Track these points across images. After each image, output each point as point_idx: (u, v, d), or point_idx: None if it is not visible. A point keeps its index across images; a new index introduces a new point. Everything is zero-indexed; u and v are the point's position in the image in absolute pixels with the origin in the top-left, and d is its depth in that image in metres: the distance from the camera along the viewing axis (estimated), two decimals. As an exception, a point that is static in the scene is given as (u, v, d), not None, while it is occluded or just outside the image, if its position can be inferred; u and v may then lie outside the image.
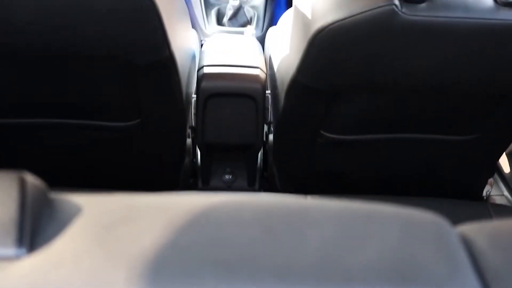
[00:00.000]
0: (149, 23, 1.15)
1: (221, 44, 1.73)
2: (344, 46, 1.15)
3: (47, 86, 1.33)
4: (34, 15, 1.13)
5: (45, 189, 0.50)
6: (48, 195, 0.50)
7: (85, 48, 1.20)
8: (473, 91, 1.28)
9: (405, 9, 1.07)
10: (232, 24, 2.43)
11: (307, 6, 1.17)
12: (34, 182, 0.49)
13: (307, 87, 1.28)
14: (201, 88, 1.54)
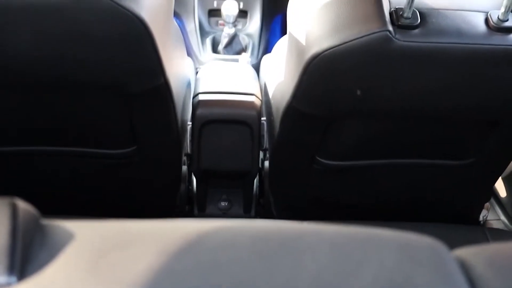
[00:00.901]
0: (144, 50, 1.16)
1: (216, 71, 1.73)
2: (339, 72, 1.15)
3: (41, 114, 1.32)
4: (29, 43, 1.13)
5: (37, 216, 0.49)
6: (40, 221, 0.49)
7: (79, 76, 1.20)
8: (468, 116, 1.28)
9: (399, 35, 1.07)
10: (227, 51, 2.44)
11: (301, 33, 1.17)
12: (26, 208, 0.48)
13: (302, 114, 1.28)
14: (197, 115, 1.54)
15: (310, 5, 1.17)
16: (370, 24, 1.07)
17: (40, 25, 1.10)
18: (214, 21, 2.59)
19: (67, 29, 1.11)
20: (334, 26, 1.10)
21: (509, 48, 1.10)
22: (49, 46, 1.14)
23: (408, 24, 1.08)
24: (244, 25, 2.59)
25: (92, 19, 1.09)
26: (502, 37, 1.10)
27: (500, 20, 1.10)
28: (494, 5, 1.14)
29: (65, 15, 1.08)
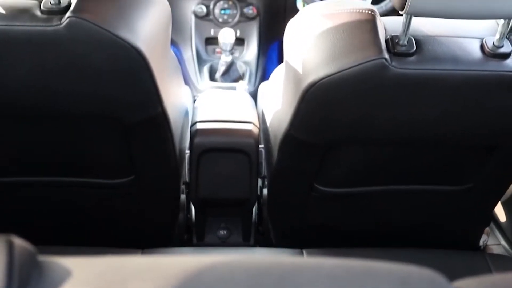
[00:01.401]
0: (142, 81, 1.16)
1: (214, 99, 1.74)
2: (336, 100, 1.15)
3: (38, 144, 1.32)
4: (27, 74, 1.14)
5: (33, 252, 0.49)
6: (37, 258, 0.49)
7: (77, 107, 1.21)
8: (466, 141, 1.28)
9: (395, 63, 1.07)
10: (224, 79, 2.45)
11: (298, 61, 1.18)
12: (22, 245, 0.48)
13: (300, 141, 1.28)
14: (195, 144, 1.54)
15: (306, 33, 1.18)
16: (366, 52, 1.08)
17: (38, 56, 1.11)
18: (211, 49, 2.61)
19: (65, 60, 1.11)
20: (331, 54, 1.11)
21: (504, 74, 1.11)
22: (46, 77, 1.14)
23: (404, 52, 1.08)
24: (241, 53, 2.60)
25: (90, 50, 1.10)
26: (498, 63, 1.10)
27: (495, 46, 1.10)
28: (489, 31, 1.15)
29: (62, 46, 1.09)
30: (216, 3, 2.55)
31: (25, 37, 1.08)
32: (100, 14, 1.08)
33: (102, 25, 1.07)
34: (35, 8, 1.09)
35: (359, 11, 1.13)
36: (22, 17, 1.08)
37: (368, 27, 1.11)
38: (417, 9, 0.99)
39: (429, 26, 1.15)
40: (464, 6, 0.97)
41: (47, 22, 1.07)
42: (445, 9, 0.98)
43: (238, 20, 2.57)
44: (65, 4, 1.09)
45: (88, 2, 1.09)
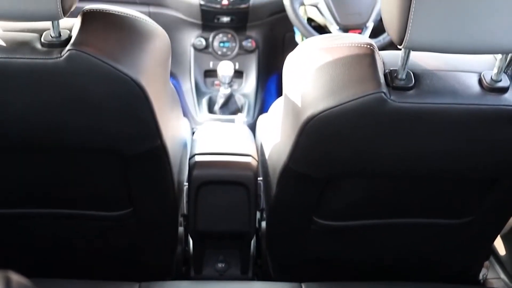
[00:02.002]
0: (141, 113, 1.16)
1: (213, 132, 1.74)
2: (335, 133, 1.15)
3: (36, 176, 1.32)
4: (26, 106, 1.14)
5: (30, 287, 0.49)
6: None
7: (76, 139, 1.21)
8: (464, 175, 1.28)
9: (394, 96, 1.08)
10: (223, 112, 2.46)
11: (297, 95, 1.18)
12: (20, 281, 0.48)
13: (299, 174, 1.28)
14: (193, 176, 1.53)
15: (305, 67, 1.19)
16: (365, 85, 1.08)
17: (37, 88, 1.11)
18: (210, 82, 2.62)
19: (64, 92, 1.11)
20: (330, 88, 1.11)
21: (503, 108, 1.11)
22: (45, 109, 1.14)
23: (402, 86, 1.09)
24: (240, 85, 2.62)
25: (89, 83, 1.10)
26: (496, 97, 1.11)
27: (494, 81, 1.11)
28: (487, 65, 1.16)
29: (62, 78, 1.09)
30: (215, 36, 2.57)
31: (26, 70, 1.08)
32: (100, 47, 1.09)
33: (102, 58, 1.07)
34: (35, 41, 1.10)
35: (357, 45, 1.14)
36: (23, 50, 1.08)
37: (367, 61, 1.11)
38: (415, 44, 0.99)
39: (427, 60, 1.15)
40: (462, 41, 0.98)
41: (47, 55, 1.08)
42: (443, 44, 0.99)
43: (237, 53, 2.59)
44: (66, 37, 1.10)
45: (89, 35, 1.10)
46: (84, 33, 1.10)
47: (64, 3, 1.01)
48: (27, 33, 1.12)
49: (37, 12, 1.01)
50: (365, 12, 2.17)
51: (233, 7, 2.43)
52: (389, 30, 1.03)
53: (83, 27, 1.11)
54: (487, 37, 0.98)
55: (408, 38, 0.98)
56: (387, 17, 1.02)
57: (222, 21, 2.49)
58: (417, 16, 0.95)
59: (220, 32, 2.57)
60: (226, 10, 2.44)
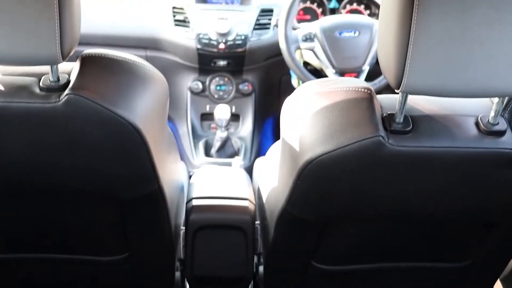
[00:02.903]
0: (139, 157, 1.16)
1: (209, 175, 1.74)
2: (333, 177, 1.15)
3: (32, 220, 1.31)
4: (23, 149, 1.14)
5: None
6: None
7: (73, 182, 1.20)
8: (464, 218, 1.28)
9: (392, 140, 1.08)
10: (220, 155, 2.46)
11: (295, 139, 1.18)
12: None
13: (297, 218, 1.27)
14: (190, 220, 1.53)
15: (303, 111, 1.19)
16: (363, 129, 1.08)
17: (35, 132, 1.11)
18: (206, 125, 2.63)
19: (62, 136, 1.11)
20: (328, 132, 1.11)
21: (501, 151, 1.11)
22: (43, 153, 1.14)
23: (400, 129, 1.09)
24: (236, 129, 2.62)
25: (87, 127, 1.10)
26: (493, 140, 1.11)
27: (491, 124, 1.11)
28: (484, 108, 1.16)
29: (60, 122, 1.09)
30: (212, 79, 2.58)
31: (24, 114, 1.08)
32: (99, 91, 1.09)
33: (100, 102, 1.08)
34: (34, 85, 1.10)
35: (355, 89, 1.15)
36: (21, 94, 1.08)
37: (364, 105, 1.12)
38: (412, 88, 1.00)
39: (424, 104, 1.16)
40: (459, 85, 0.99)
41: (46, 99, 1.08)
42: (440, 88, 1.00)
43: (233, 96, 2.60)
44: (64, 81, 1.10)
45: (87, 80, 1.11)
46: (82, 78, 1.10)
47: (63, 48, 1.01)
48: (25, 77, 1.12)
49: (36, 57, 1.02)
50: (361, 55, 2.19)
51: (230, 51, 2.45)
52: (386, 75, 1.04)
53: (82, 71, 1.11)
54: (483, 81, 0.98)
55: (406, 83, 0.98)
56: (384, 61, 1.03)
57: (218, 64, 2.51)
58: (414, 61, 0.96)
59: (217, 76, 2.58)
60: (223, 54, 2.46)
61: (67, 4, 0.99)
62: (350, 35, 2.18)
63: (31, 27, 0.98)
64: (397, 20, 0.95)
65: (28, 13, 0.97)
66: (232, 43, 2.42)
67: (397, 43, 0.96)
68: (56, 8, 0.97)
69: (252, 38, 2.45)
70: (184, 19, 2.45)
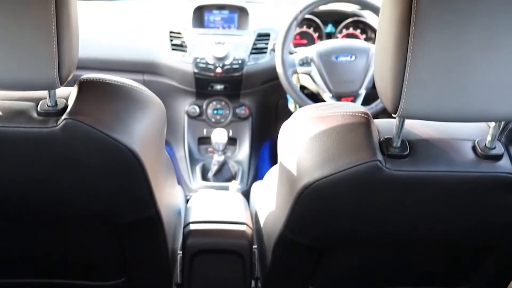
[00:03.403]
0: (136, 182, 1.16)
1: (207, 200, 1.73)
2: (331, 202, 1.15)
3: (30, 245, 1.31)
4: (21, 175, 1.13)
5: None
6: None
7: (70, 206, 1.20)
8: (461, 242, 1.28)
9: (389, 164, 1.08)
10: (217, 179, 2.46)
11: (292, 163, 1.18)
12: None
13: (294, 243, 1.27)
14: (188, 245, 1.52)
15: (300, 136, 1.19)
16: (360, 154, 1.09)
17: (32, 157, 1.11)
18: (203, 149, 2.63)
19: (59, 161, 1.11)
20: (325, 157, 1.11)
21: (498, 175, 1.11)
22: (40, 177, 1.14)
23: (398, 154, 1.09)
24: (234, 152, 2.63)
25: (85, 152, 1.10)
26: (491, 164, 1.11)
27: (488, 148, 1.11)
28: (481, 133, 1.16)
29: (57, 147, 1.09)
30: (209, 103, 2.59)
31: (21, 138, 1.08)
32: (96, 116, 1.09)
33: (98, 127, 1.08)
34: (31, 110, 1.10)
35: (352, 113, 1.15)
36: (19, 119, 1.09)
37: (361, 130, 1.12)
38: (409, 113, 1.00)
39: (421, 128, 1.16)
40: (456, 109, 0.99)
41: (43, 123, 1.08)
42: (437, 113, 1.00)
43: (230, 120, 2.61)
44: (62, 106, 1.10)
45: (85, 105, 1.11)
46: (80, 102, 1.11)
47: (61, 73, 1.02)
48: (23, 102, 1.12)
49: (34, 82, 1.02)
50: (357, 79, 2.20)
51: (227, 75, 2.46)
52: (383, 99, 1.04)
53: (79, 96, 1.12)
54: (480, 105, 0.99)
55: (403, 107, 0.99)
56: (381, 86, 1.04)
57: (215, 88, 2.52)
58: (411, 86, 0.96)
59: (214, 100, 2.59)
60: (220, 78, 2.47)
61: (65, 29, 1.00)
62: (347, 59, 2.19)
63: (29, 52, 0.98)
64: (394, 45, 0.96)
65: (26, 38, 0.97)
66: (229, 67, 2.44)
67: (393, 68, 0.97)
68: (54, 33, 0.98)
69: (249, 62, 2.46)
70: (181, 43, 2.47)
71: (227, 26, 2.56)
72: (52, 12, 0.97)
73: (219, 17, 2.55)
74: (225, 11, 2.56)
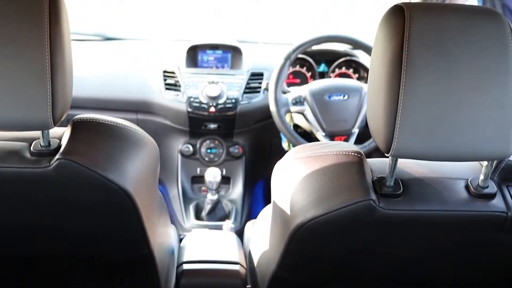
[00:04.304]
0: (129, 222, 1.15)
1: (200, 239, 1.73)
2: (324, 241, 1.15)
3: (21, 285, 1.29)
4: (13, 214, 1.13)
5: None
6: None
7: (63, 248, 1.19)
8: (455, 281, 1.27)
9: (383, 204, 1.08)
10: (210, 218, 2.45)
11: (286, 203, 1.18)
12: None
13: (288, 282, 1.26)
14: (181, 285, 1.51)
15: (293, 175, 1.19)
16: (354, 193, 1.09)
17: (25, 196, 1.10)
18: (197, 188, 2.62)
19: (52, 200, 1.11)
20: (318, 196, 1.11)
21: (491, 214, 1.11)
22: (32, 217, 1.13)
23: (391, 193, 1.09)
24: (227, 191, 2.62)
25: (78, 191, 1.10)
26: (484, 203, 1.11)
27: (481, 187, 1.12)
28: (473, 172, 1.17)
29: (50, 187, 1.09)
30: (202, 142, 2.59)
31: (14, 179, 1.08)
32: (90, 156, 1.09)
33: (91, 167, 1.07)
34: (24, 150, 1.10)
35: (345, 153, 1.15)
36: (12, 159, 1.08)
37: (354, 169, 1.12)
38: (402, 152, 1.01)
39: (414, 167, 1.16)
40: (448, 149, 1.00)
41: (36, 164, 1.08)
42: (429, 152, 1.01)
43: (224, 159, 2.61)
44: (55, 146, 1.10)
45: (78, 145, 1.11)
46: (73, 142, 1.11)
47: (55, 113, 1.02)
48: (16, 142, 1.12)
49: (27, 122, 1.02)
50: (350, 119, 2.21)
51: (220, 114, 2.47)
52: (376, 139, 1.05)
53: (73, 136, 1.12)
54: (472, 145, 1.00)
55: (395, 147, 0.99)
56: (374, 126, 1.04)
57: (209, 127, 2.52)
58: (403, 126, 0.97)
59: (207, 139, 2.59)
60: (214, 117, 2.48)
61: (60, 70, 1.00)
62: (340, 99, 2.21)
63: (23, 92, 0.99)
64: (386, 85, 0.97)
65: (20, 78, 0.98)
66: (223, 107, 2.45)
67: (386, 108, 0.98)
68: (48, 74, 0.98)
69: (242, 101, 2.48)
70: (175, 82, 2.48)
71: (220, 65, 2.58)
72: (46, 53, 0.97)
73: (212, 57, 2.58)
74: (218, 51, 2.58)
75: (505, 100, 0.97)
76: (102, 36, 2.78)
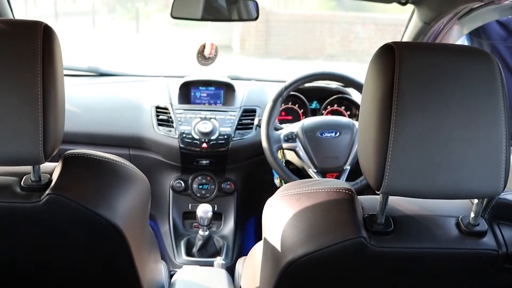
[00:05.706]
0: (120, 258, 1.15)
1: (191, 276, 1.71)
2: (315, 278, 1.14)
3: None
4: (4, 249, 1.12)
5: None
6: None
7: (53, 282, 1.18)
8: None
9: (374, 241, 1.08)
10: (201, 254, 2.43)
11: (276, 239, 1.18)
12: None
13: None
14: None
15: (284, 212, 1.19)
16: (344, 230, 1.08)
17: (15, 231, 1.10)
18: (188, 224, 2.61)
19: (42, 235, 1.10)
20: (309, 233, 1.11)
21: (482, 251, 1.11)
22: (22, 252, 1.12)
23: (382, 230, 1.09)
24: (219, 227, 2.61)
25: (68, 227, 1.10)
26: (475, 241, 1.11)
27: (471, 225, 1.12)
28: (464, 209, 1.17)
29: (40, 222, 1.08)
30: (194, 178, 2.59)
31: (4, 213, 1.07)
32: (80, 191, 1.09)
33: (81, 202, 1.07)
34: (15, 185, 1.10)
35: (336, 190, 1.16)
36: (2, 194, 1.08)
37: (345, 206, 1.12)
38: (393, 190, 1.01)
39: (405, 204, 1.17)
40: (439, 187, 1.00)
41: (27, 198, 1.07)
42: (420, 190, 1.01)
43: (215, 195, 2.60)
44: (46, 181, 1.10)
45: (69, 180, 1.11)
46: (64, 178, 1.10)
47: (46, 149, 1.02)
48: (7, 176, 1.12)
49: (18, 157, 1.02)
50: (342, 155, 2.21)
51: (213, 150, 2.47)
52: (367, 176, 1.05)
53: (64, 172, 1.12)
54: (462, 183, 1.00)
55: (386, 185, 0.99)
56: (365, 164, 1.05)
57: (201, 163, 2.52)
58: (394, 164, 0.98)
59: (199, 174, 2.59)
60: (206, 153, 2.48)
61: (52, 105, 1.00)
62: (331, 136, 2.21)
63: (14, 128, 0.99)
64: (376, 124, 0.98)
65: (12, 113, 0.98)
66: (215, 143, 2.45)
67: (376, 146, 0.98)
68: (40, 109, 0.99)
69: (234, 137, 2.48)
70: (167, 118, 2.49)
71: (213, 102, 2.59)
72: (39, 89, 0.98)
73: (205, 93, 2.59)
74: (211, 87, 2.60)
75: (495, 138, 0.98)
76: (96, 72, 2.80)
